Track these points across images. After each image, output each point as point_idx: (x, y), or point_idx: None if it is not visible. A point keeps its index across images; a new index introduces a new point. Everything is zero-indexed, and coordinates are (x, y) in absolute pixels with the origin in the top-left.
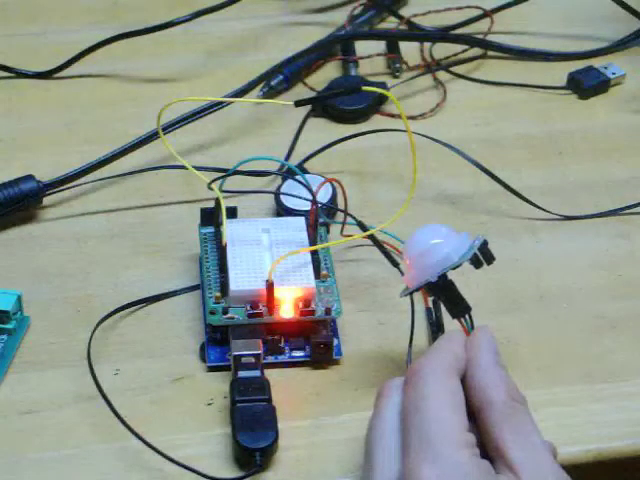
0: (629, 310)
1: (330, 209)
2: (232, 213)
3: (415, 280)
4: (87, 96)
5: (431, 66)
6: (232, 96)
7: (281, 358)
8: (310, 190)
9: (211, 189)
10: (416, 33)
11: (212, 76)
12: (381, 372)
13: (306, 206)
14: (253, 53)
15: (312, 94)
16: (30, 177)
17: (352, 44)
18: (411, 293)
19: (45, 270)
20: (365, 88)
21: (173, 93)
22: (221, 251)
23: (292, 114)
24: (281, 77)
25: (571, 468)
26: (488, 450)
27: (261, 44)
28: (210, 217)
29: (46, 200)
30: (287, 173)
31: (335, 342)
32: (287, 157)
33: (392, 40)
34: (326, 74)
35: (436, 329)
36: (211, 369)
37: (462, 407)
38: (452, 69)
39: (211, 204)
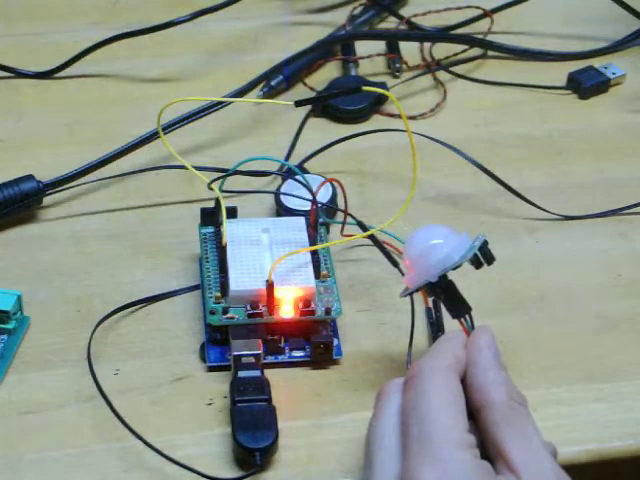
0: (629, 310)
1: (330, 209)
2: (232, 213)
3: (415, 280)
4: (87, 96)
5: (431, 66)
6: (232, 96)
7: (281, 358)
8: (310, 190)
9: (211, 189)
10: (416, 33)
11: (212, 76)
12: (381, 372)
13: (306, 206)
14: (253, 53)
15: (312, 94)
16: (30, 177)
17: (352, 44)
18: (411, 293)
19: (45, 270)
20: (365, 88)
21: (173, 93)
22: (221, 251)
23: (292, 114)
24: (281, 77)
25: (571, 468)
26: (488, 451)
27: (261, 44)
28: (210, 217)
29: (46, 200)
30: (287, 173)
31: (335, 342)
32: (287, 157)
33: (392, 40)
34: (326, 74)
35: (436, 329)
36: (211, 369)
37: (462, 408)
38: (452, 69)
39: (211, 204)
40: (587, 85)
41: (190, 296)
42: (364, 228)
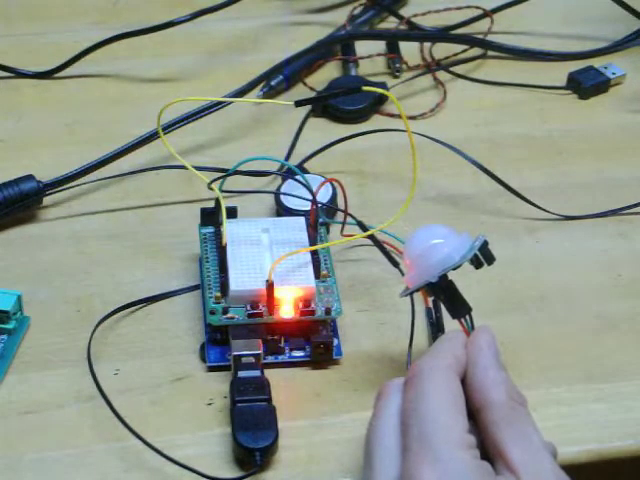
0: (629, 310)
1: (330, 209)
2: (232, 213)
3: (415, 280)
4: (87, 96)
5: (431, 66)
6: (232, 96)
7: (281, 358)
8: (310, 190)
9: (211, 189)
10: (416, 33)
11: (212, 76)
12: (381, 372)
13: (306, 206)
14: (253, 53)
15: (312, 94)
16: (30, 177)
17: (352, 44)
18: (411, 293)
19: (45, 270)
20: (365, 88)
21: (173, 93)
22: (221, 251)
23: (292, 114)
24: (281, 77)
25: (571, 468)
26: (488, 451)
27: (261, 44)
28: (210, 217)
29: (46, 200)
30: (287, 173)
31: (335, 342)
32: (287, 157)
33: (392, 40)
34: (326, 74)
35: (436, 329)
36: (211, 369)
37: (462, 408)
38: (452, 69)
39: (211, 204)
40: (587, 85)
41: (190, 296)
42: (364, 228)
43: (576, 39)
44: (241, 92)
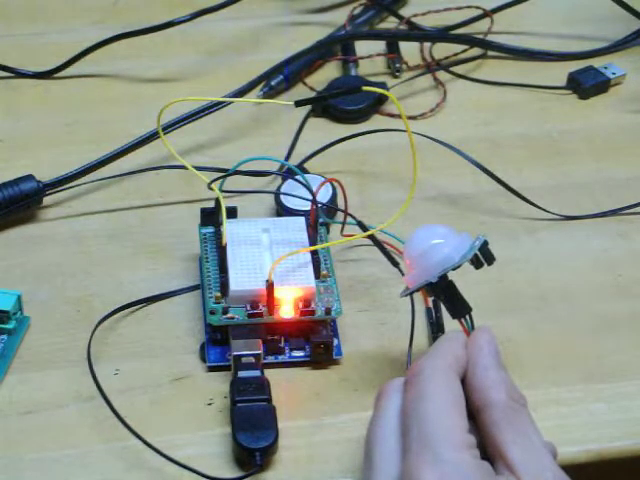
0: (629, 310)
1: (330, 209)
2: (232, 213)
3: (415, 280)
4: (87, 96)
5: (431, 66)
6: (232, 96)
7: (281, 358)
8: (310, 190)
9: (211, 189)
10: (416, 33)
11: (212, 76)
12: (381, 372)
13: (306, 206)
14: (253, 53)
15: (312, 94)
16: (30, 177)
17: (352, 44)
18: (411, 293)
19: (45, 270)
20: (365, 88)
21: (173, 93)
22: (221, 251)
23: (292, 114)
24: (281, 77)
25: (571, 468)
26: (488, 451)
27: (261, 44)
28: (210, 217)
29: (46, 200)
30: (287, 173)
31: (335, 342)
32: (287, 157)
33: (392, 40)
34: (326, 74)
35: (436, 329)
36: (211, 369)
37: (462, 408)
38: (452, 69)
39: (211, 204)
40: (587, 85)
41: (190, 296)
42: (364, 228)
43: (576, 39)
44: (241, 92)
